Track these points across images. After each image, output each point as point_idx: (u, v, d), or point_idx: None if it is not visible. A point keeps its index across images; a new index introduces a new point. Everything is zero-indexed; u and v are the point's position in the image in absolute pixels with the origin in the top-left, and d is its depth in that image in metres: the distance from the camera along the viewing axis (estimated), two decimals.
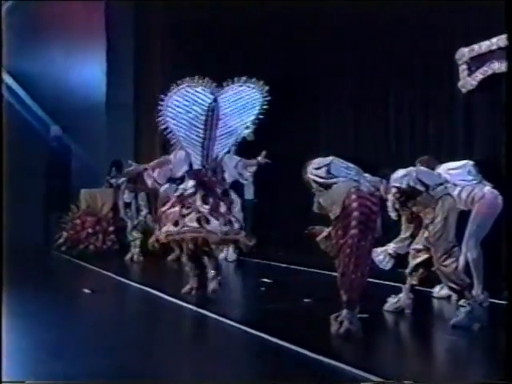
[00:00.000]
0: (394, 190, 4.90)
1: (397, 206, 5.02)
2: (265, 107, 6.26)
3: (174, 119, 6.18)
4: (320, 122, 9.91)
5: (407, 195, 4.90)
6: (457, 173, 5.53)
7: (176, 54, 11.96)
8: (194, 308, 5.57)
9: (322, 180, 4.49)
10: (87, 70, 12.76)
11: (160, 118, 6.16)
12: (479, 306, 4.76)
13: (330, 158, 4.56)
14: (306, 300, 5.77)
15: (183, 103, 6.16)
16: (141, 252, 9.56)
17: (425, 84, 7.74)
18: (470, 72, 6.84)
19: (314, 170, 4.52)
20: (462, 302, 4.68)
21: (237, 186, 10.45)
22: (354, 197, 4.32)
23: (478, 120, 6.94)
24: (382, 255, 5.43)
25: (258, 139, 10.27)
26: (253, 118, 6.35)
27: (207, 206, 5.99)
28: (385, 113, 8.49)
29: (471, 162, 5.65)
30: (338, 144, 9.40)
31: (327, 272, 6.42)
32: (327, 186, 4.47)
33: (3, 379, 3.39)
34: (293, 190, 9.55)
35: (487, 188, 5.49)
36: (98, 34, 12.60)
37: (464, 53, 6.88)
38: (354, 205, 4.30)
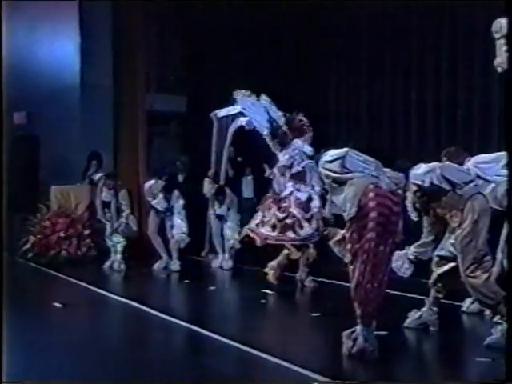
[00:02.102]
0: (414, 188, 4.90)
1: (417, 205, 5.02)
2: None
3: None
4: (329, 107, 9.97)
5: (430, 194, 4.90)
6: (490, 167, 5.53)
7: (162, 26, 12.00)
8: (185, 324, 5.60)
9: (335, 175, 4.51)
10: (57, 46, 12.73)
11: None
12: None
13: (345, 149, 4.57)
14: (314, 314, 5.81)
15: None
16: (123, 259, 9.59)
17: (454, 61, 7.77)
18: (510, 47, 6.85)
19: (327, 163, 4.53)
20: (497, 318, 4.67)
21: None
22: (371, 195, 4.35)
23: None
24: (400, 260, 5.44)
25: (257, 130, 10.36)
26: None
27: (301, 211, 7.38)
28: (405, 95, 8.54)
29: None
30: (351, 133, 9.46)
31: (340, 282, 6.47)
32: (341, 182, 4.50)
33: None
34: None
35: None
36: (68, 2, 12.56)
37: (502, 24, 6.87)
38: (372, 204, 4.32)
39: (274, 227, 7.44)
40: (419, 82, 8.28)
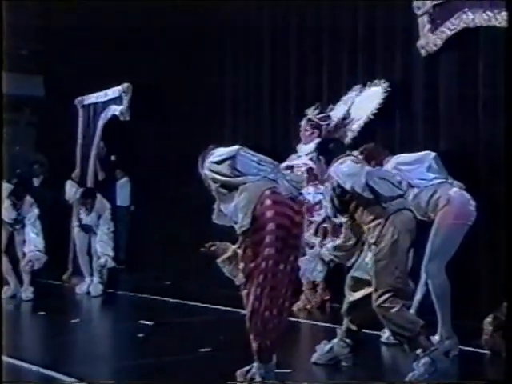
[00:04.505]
0: (334, 184, 4.95)
1: (336, 203, 5.07)
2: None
3: None
4: (224, 101, 10.10)
5: (351, 196, 4.98)
6: (412, 169, 5.72)
7: None
8: (37, 369, 5.51)
9: (224, 178, 4.56)
10: None
11: None
12: (444, 357, 4.91)
13: (236, 147, 4.63)
14: (202, 350, 5.86)
15: None
16: None
17: (370, 44, 8.01)
18: (434, 27, 7.13)
19: (214, 164, 4.59)
20: (419, 351, 4.82)
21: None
22: (268, 203, 4.42)
23: (445, 94, 7.23)
24: (313, 262, 5.52)
25: (135, 121, 10.34)
26: None
27: None
28: (315, 83, 8.74)
29: (433, 154, 5.86)
30: (250, 128, 9.62)
31: (234, 309, 6.55)
32: (232, 188, 4.56)
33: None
34: (185, 193, 9.61)
35: (455, 190, 5.68)
36: None
37: None
38: (269, 214, 4.39)
39: None
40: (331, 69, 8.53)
